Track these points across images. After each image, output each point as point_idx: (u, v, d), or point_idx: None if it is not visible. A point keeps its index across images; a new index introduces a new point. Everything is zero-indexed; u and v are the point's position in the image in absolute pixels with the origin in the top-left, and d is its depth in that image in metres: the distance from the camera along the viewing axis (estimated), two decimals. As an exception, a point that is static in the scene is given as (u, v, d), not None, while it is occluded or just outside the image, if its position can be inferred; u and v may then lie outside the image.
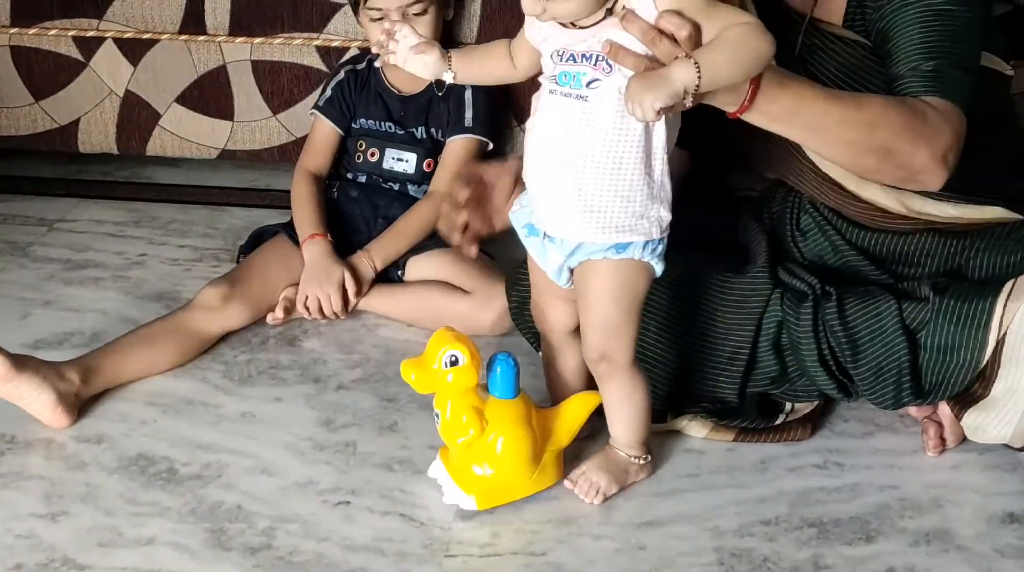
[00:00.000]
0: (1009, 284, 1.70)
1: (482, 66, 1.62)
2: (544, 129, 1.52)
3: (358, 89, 2.28)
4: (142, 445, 1.80)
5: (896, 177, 1.64)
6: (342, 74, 2.29)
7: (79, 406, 1.84)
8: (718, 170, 2.03)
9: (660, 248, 1.57)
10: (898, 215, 1.82)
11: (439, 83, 1.58)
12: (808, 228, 1.88)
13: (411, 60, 1.56)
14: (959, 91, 1.62)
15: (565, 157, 1.49)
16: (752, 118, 1.51)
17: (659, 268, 1.59)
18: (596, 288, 1.59)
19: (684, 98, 1.36)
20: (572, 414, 1.70)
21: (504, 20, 2.36)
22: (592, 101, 1.46)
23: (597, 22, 1.45)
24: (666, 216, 1.54)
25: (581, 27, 1.45)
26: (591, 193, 1.50)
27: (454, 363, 1.61)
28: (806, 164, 1.82)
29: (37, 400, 1.78)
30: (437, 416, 1.64)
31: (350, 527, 1.64)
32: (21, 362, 1.78)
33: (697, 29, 1.40)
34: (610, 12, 1.44)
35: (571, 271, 1.61)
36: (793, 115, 1.52)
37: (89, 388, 1.86)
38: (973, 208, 1.81)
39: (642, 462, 1.72)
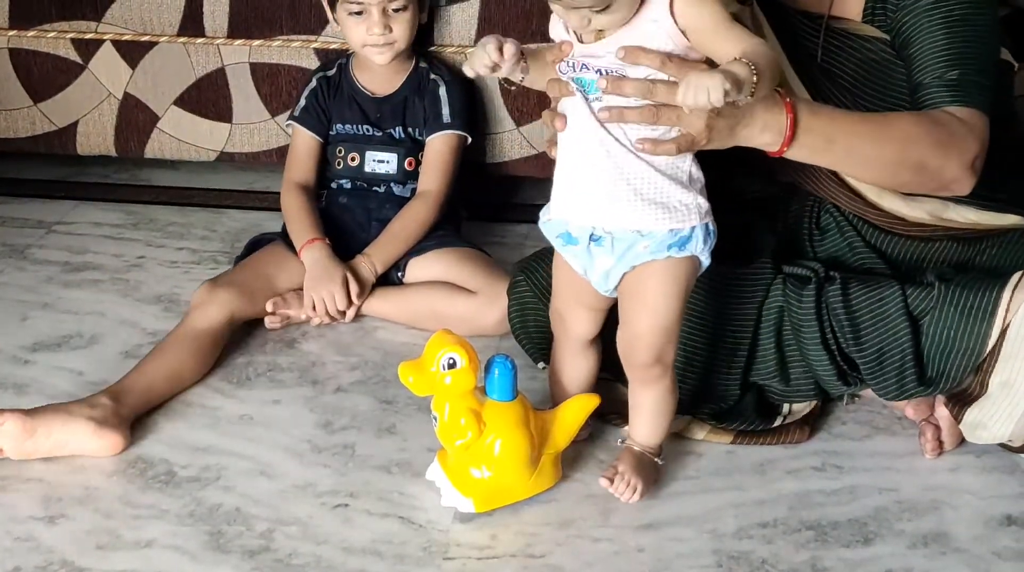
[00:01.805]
0: (1017, 275, 1.70)
1: (542, 75, 1.60)
2: (578, 130, 1.55)
3: (331, 95, 2.29)
4: (140, 448, 1.80)
5: (928, 188, 1.69)
6: (314, 82, 2.31)
7: (126, 426, 1.79)
8: (728, 173, 2.03)
9: (712, 242, 1.59)
10: (916, 222, 1.82)
11: (508, 81, 1.58)
12: (828, 227, 1.88)
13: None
14: (982, 97, 1.66)
15: (606, 151, 1.53)
16: (794, 153, 1.57)
17: (706, 262, 1.61)
18: (656, 289, 1.59)
19: (741, 91, 1.38)
20: (570, 416, 1.70)
21: (503, 23, 2.36)
22: (611, 99, 1.51)
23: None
24: (704, 203, 1.57)
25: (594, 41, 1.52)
26: (637, 180, 1.53)
27: (452, 365, 1.61)
28: (823, 171, 1.82)
29: (74, 434, 1.73)
30: (435, 418, 1.64)
31: (349, 529, 1.64)
32: (36, 411, 1.74)
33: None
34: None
35: (618, 278, 1.61)
36: (831, 142, 1.57)
37: (124, 407, 1.81)
38: (993, 215, 1.82)
39: (661, 463, 1.74)
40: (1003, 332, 1.68)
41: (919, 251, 1.85)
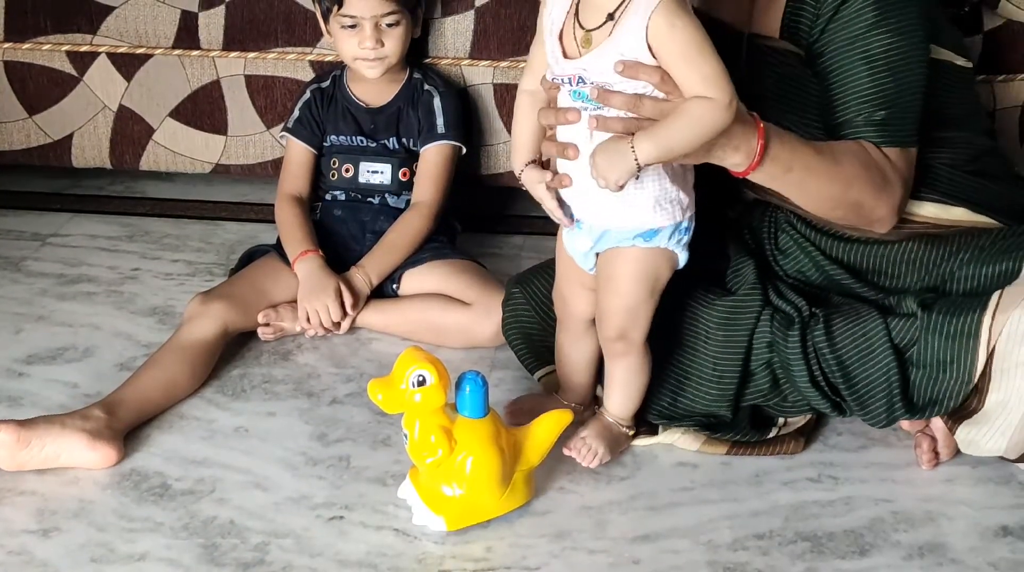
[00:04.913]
0: (995, 297, 1.71)
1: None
2: (572, 133, 1.60)
3: (325, 106, 2.29)
4: (135, 460, 1.79)
5: (854, 224, 1.76)
6: (308, 94, 2.31)
7: (119, 439, 1.79)
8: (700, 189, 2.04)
9: (686, 238, 1.66)
10: None
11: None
12: (787, 247, 1.89)
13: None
14: (908, 133, 1.71)
15: (587, 153, 1.57)
16: (756, 176, 1.62)
17: (683, 258, 1.67)
18: (621, 273, 1.67)
19: (640, 171, 1.52)
20: (543, 433, 1.68)
21: (497, 35, 2.37)
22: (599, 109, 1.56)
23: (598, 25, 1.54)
24: (685, 198, 1.63)
25: (579, 56, 1.56)
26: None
27: (421, 383, 1.58)
28: None
29: (68, 446, 1.73)
30: (405, 436, 1.62)
31: (344, 542, 1.64)
32: (30, 422, 1.74)
33: (662, 72, 1.51)
34: (611, 17, 1.53)
35: (596, 256, 1.69)
36: (788, 171, 1.64)
37: (118, 420, 1.81)
38: (938, 207, 1.83)
39: (631, 433, 1.80)
40: (991, 355, 1.69)
41: (884, 256, 1.84)
